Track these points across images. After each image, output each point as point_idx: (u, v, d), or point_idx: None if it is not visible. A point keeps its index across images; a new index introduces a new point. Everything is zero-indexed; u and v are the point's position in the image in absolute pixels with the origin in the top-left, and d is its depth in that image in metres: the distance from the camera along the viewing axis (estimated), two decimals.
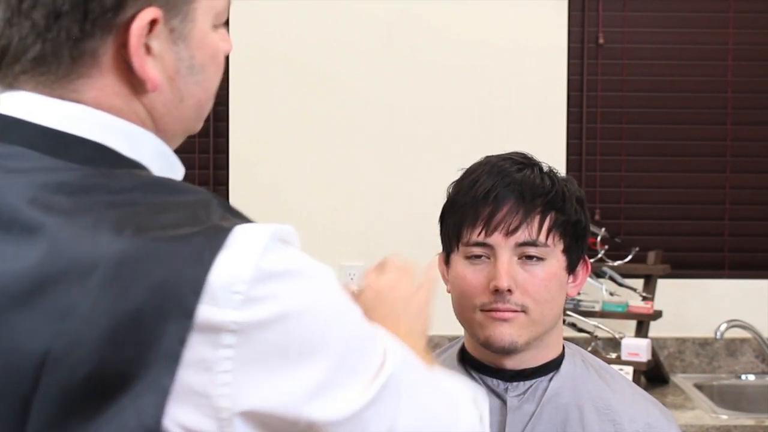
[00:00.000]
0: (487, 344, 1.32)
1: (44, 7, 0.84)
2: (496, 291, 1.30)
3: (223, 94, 3.05)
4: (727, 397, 2.83)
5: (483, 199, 1.32)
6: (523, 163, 1.37)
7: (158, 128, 0.93)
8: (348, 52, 3.00)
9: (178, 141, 0.98)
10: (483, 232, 1.32)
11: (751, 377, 2.94)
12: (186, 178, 0.97)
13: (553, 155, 2.94)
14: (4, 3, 0.86)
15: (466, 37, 2.99)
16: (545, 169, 1.38)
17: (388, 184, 2.99)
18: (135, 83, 0.88)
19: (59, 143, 0.85)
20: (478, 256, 1.33)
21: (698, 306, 3.02)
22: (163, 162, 0.92)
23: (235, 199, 3.06)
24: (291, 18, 3.00)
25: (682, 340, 3.00)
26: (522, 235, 1.31)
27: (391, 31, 2.99)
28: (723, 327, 2.80)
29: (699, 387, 2.82)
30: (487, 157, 1.40)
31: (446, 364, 1.42)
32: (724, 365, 2.99)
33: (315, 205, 2.97)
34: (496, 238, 1.31)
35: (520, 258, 1.32)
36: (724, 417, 2.48)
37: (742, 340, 2.97)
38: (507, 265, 1.30)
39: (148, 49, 0.87)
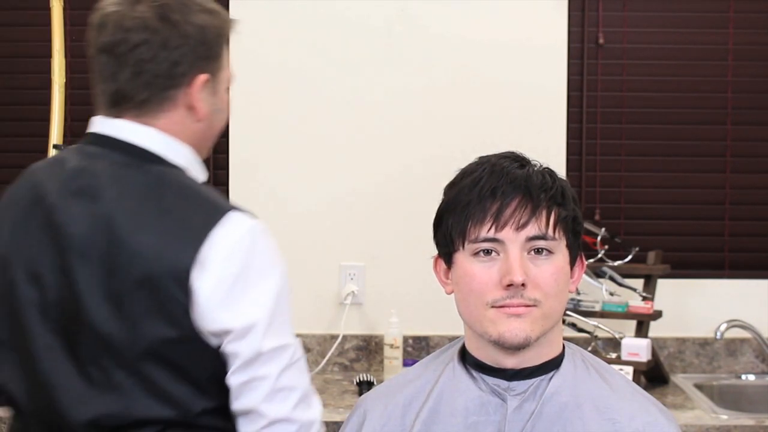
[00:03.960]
0: (500, 341, 1.32)
1: (149, 73, 1.51)
2: (509, 286, 1.30)
3: None
4: (727, 397, 2.83)
5: (490, 196, 1.33)
6: (520, 161, 1.38)
7: (193, 144, 1.56)
8: (347, 52, 3.00)
9: (203, 156, 1.59)
10: (493, 228, 1.32)
11: (751, 377, 2.94)
12: None
13: (553, 155, 2.95)
14: (127, 69, 1.53)
15: (466, 38, 2.99)
16: (541, 166, 1.39)
17: (387, 184, 2.99)
18: (191, 116, 1.54)
19: (130, 148, 1.52)
20: (488, 253, 1.33)
21: (698, 306, 3.02)
22: (193, 165, 1.55)
23: (235, 199, 3.05)
24: (291, 19, 3.00)
25: (682, 340, 3.00)
26: (532, 229, 1.32)
27: (390, 32, 2.99)
28: (723, 327, 2.80)
29: (699, 387, 2.82)
30: (483, 157, 1.40)
31: (446, 363, 1.43)
32: (724, 365, 2.99)
33: (315, 205, 2.98)
34: (507, 233, 1.32)
35: (528, 253, 1.33)
36: (724, 417, 2.48)
37: (742, 340, 2.97)
38: (519, 260, 1.31)
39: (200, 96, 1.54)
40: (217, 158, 3.07)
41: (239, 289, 1.45)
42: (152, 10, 1.50)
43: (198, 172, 1.56)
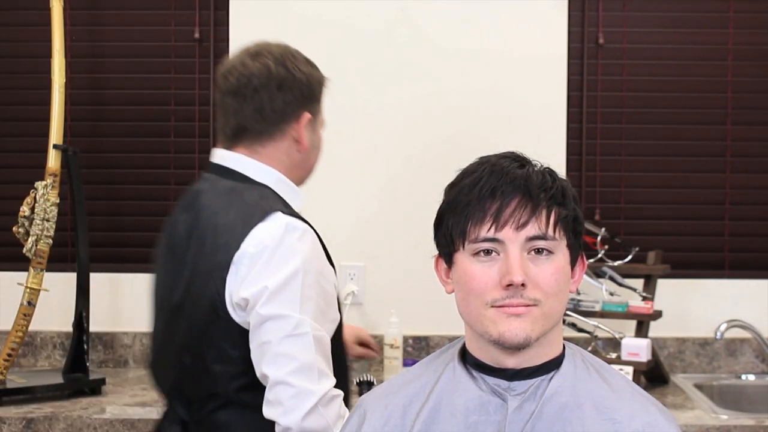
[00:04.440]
0: (500, 341, 1.32)
1: (267, 110, 1.86)
2: (509, 286, 1.30)
3: None
4: (727, 397, 2.83)
5: (490, 196, 1.32)
6: (520, 160, 1.38)
7: (292, 172, 1.91)
8: (348, 56, 3.00)
9: (299, 182, 1.94)
10: (492, 228, 1.32)
11: (751, 377, 2.94)
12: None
13: (553, 155, 2.95)
14: (249, 106, 1.86)
15: (466, 38, 2.99)
16: (541, 166, 1.38)
17: (388, 184, 2.99)
18: (294, 146, 1.91)
19: (251, 184, 1.86)
20: (488, 253, 1.33)
21: (698, 306, 3.02)
22: (281, 186, 1.89)
23: None
24: (290, 20, 3.00)
25: (682, 340, 3.00)
26: (532, 229, 1.32)
27: (390, 33, 2.99)
28: (723, 327, 2.80)
29: (699, 387, 2.82)
30: (483, 157, 1.40)
31: (447, 363, 1.43)
32: (724, 365, 2.99)
33: (315, 205, 2.97)
34: (507, 233, 1.32)
35: (528, 253, 1.33)
36: (724, 417, 2.48)
37: (742, 340, 2.97)
38: (519, 260, 1.31)
39: (304, 129, 1.91)
40: None
41: (261, 267, 1.74)
42: (270, 60, 1.88)
43: (288, 192, 1.90)
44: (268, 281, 1.72)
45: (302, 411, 1.69)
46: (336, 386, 1.77)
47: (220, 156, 1.91)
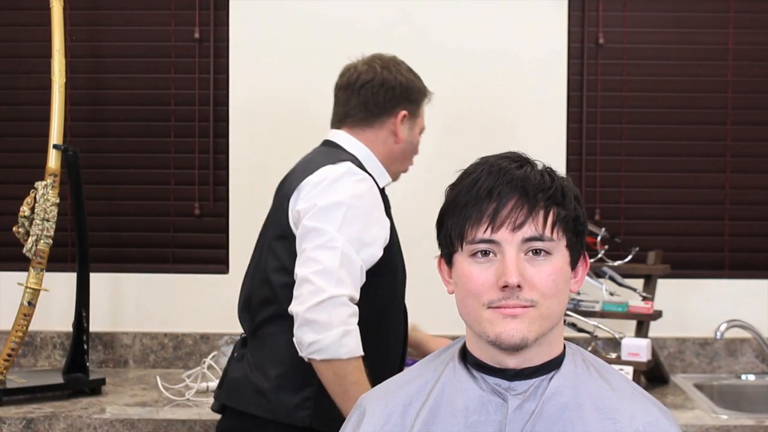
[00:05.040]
0: (497, 342, 1.32)
1: (371, 102, 2.20)
2: (505, 287, 1.30)
3: (223, 95, 3.06)
4: (727, 397, 2.83)
5: (486, 197, 1.32)
6: (520, 161, 1.37)
7: (385, 160, 2.23)
8: (347, 54, 2.99)
9: (392, 173, 2.27)
10: (489, 229, 1.32)
11: (751, 377, 2.94)
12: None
13: (553, 155, 2.95)
14: (356, 99, 2.22)
15: (466, 38, 2.99)
16: (541, 166, 1.38)
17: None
18: (391, 137, 2.23)
19: (341, 150, 2.18)
20: (485, 254, 1.33)
21: (698, 306, 3.02)
22: (373, 165, 2.20)
23: (235, 199, 3.06)
24: (290, 20, 3.00)
25: (682, 340, 3.00)
26: (528, 230, 1.32)
27: (390, 32, 2.99)
28: (723, 327, 2.80)
29: (699, 387, 2.82)
30: (483, 157, 1.40)
31: (447, 363, 1.43)
32: (724, 365, 2.99)
33: None
34: (503, 234, 1.31)
35: (526, 254, 1.32)
36: (724, 417, 2.48)
37: (742, 340, 2.97)
38: (515, 261, 1.31)
39: (400, 124, 2.22)
40: (218, 158, 3.07)
41: (318, 191, 2.05)
42: (377, 64, 2.24)
43: (374, 168, 2.18)
44: (318, 200, 2.02)
45: (311, 303, 1.93)
46: (372, 345, 2.00)
47: (329, 134, 2.26)
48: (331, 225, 2.00)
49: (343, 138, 2.22)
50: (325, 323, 1.92)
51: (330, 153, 2.16)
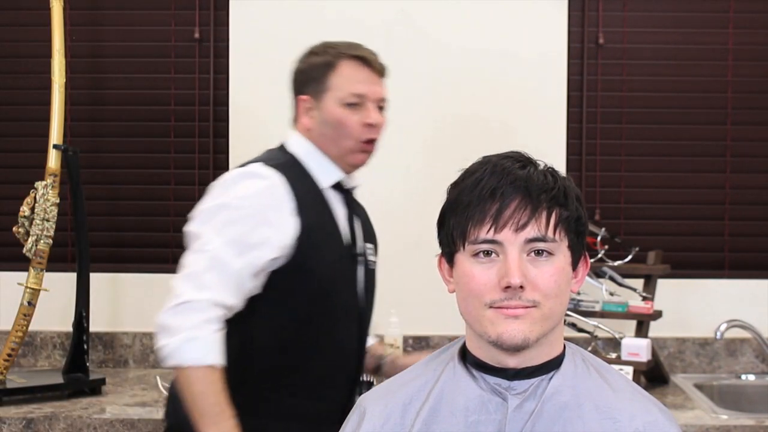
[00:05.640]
0: (498, 342, 1.32)
1: (292, 98, 2.14)
2: (508, 288, 1.30)
3: (223, 94, 3.06)
4: (727, 397, 2.83)
5: (489, 197, 1.32)
6: (522, 161, 1.37)
7: (322, 147, 2.07)
8: None
9: (343, 161, 2.08)
10: (492, 230, 1.32)
11: (751, 377, 2.94)
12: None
13: (553, 155, 2.95)
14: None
15: (466, 38, 2.99)
16: (544, 166, 1.38)
17: (388, 184, 2.99)
18: (303, 127, 2.09)
19: (279, 151, 2.10)
20: (487, 254, 1.33)
21: (698, 306, 3.02)
22: (315, 161, 2.06)
23: None
24: (290, 20, 3.00)
25: (682, 340, 3.00)
26: (531, 231, 1.31)
27: (390, 32, 2.99)
28: (723, 327, 2.80)
29: (699, 387, 2.82)
30: (486, 156, 1.40)
31: (447, 362, 1.43)
32: (724, 365, 2.99)
33: None
34: (506, 235, 1.31)
35: (528, 254, 1.32)
36: (724, 417, 2.48)
37: (742, 340, 2.97)
38: (518, 262, 1.30)
39: (303, 111, 2.09)
40: (217, 158, 3.07)
41: (204, 197, 1.99)
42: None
43: (318, 166, 2.06)
44: (203, 204, 1.96)
45: (167, 307, 1.85)
46: (298, 353, 1.95)
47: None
48: (208, 227, 1.92)
49: (291, 137, 2.12)
50: (174, 328, 1.83)
51: (262, 155, 2.09)
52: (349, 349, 2.07)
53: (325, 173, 2.06)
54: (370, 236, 2.22)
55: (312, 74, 2.07)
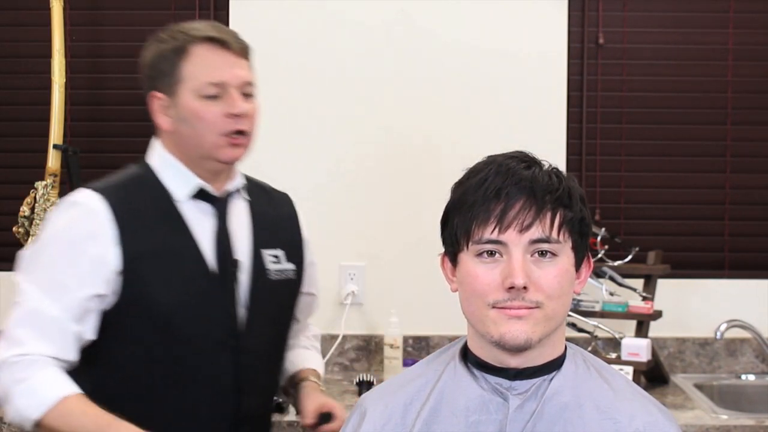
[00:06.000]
0: (501, 342, 1.32)
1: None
2: (511, 288, 1.30)
3: None
4: (727, 397, 2.83)
5: (494, 197, 1.32)
6: (527, 161, 1.37)
7: (180, 151, 1.82)
8: (347, 54, 3.00)
9: (203, 159, 1.80)
10: (496, 230, 1.32)
11: (751, 377, 2.94)
12: None
13: (553, 155, 2.91)
14: None
15: (466, 38, 2.99)
16: (548, 167, 1.38)
17: (388, 184, 2.99)
18: (161, 129, 1.84)
19: (137, 164, 1.90)
20: (491, 254, 1.33)
21: (698, 306, 3.02)
22: (171, 170, 1.83)
23: None
24: (290, 20, 3.00)
25: (682, 340, 3.00)
26: (535, 232, 1.32)
27: (390, 32, 2.99)
28: (723, 327, 2.80)
29: (699, 387, 2.82)
30: (491, 156, 1.40)
31: (447, 362, 1.43)
32: (724, 365, 2.99)
33: (315, 205, 2.97)
34: (510, 235, 1.31)
35: (532, 255, 1.32)
36: (724, 417, 2.48)
37: (742, 340, 2.97)
38: (522, 262, 1.31)
39: (159, 110, 1.82)
40: None
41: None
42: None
43: (174, 174, 1.82)
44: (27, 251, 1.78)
45: None
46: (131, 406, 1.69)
47: None
48: (23, 275, 1.72)
49: (152, 145, 1.88)
50: (3, 392, 1.66)
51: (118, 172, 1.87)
52: (222, 383, 1.78)
53: (180, 184, 1.81)
54: (276, 242, 1.92)
55: (161, 66, 1.79)
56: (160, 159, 1.84)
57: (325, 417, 1.88)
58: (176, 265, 1.76)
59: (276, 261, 1.90)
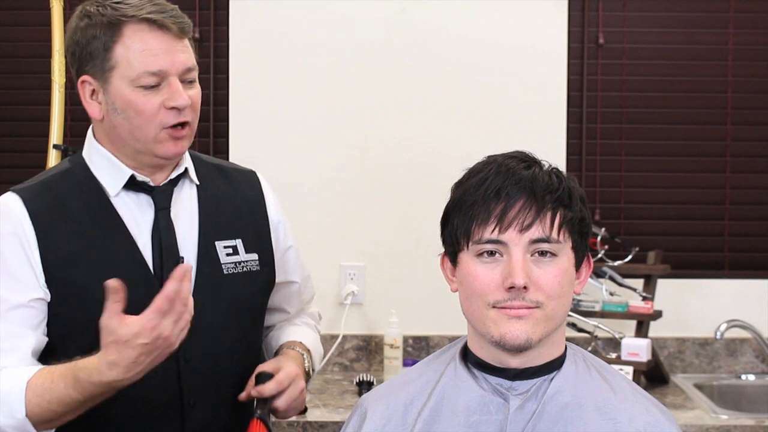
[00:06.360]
0: (501, 342, 1.32)
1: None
2: (511, 288, 1.30)
3: (223, 94, 3.06)
4: (727, 397, 2.83)
5: (494, 197, 1.32)
6: (527, 161, 1.37)
7: (111, 142, 1.63)
8: (347, 53, 3.00)
9: (139, 154, 1.62)
10: (496, 230, 1.32)
11: (751, 377, 2.94)
12: None
13: (553, 155, 2.91)
14: None
15: (466, 38, 2.99)
16: (549, 167, 1.38)
17: (388, 183, 2.99)
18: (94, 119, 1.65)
19: (70, 157, 1.72)
20: (491, 254, 1.33)
21: (698, 306, 3.02)
22: (112, 170, 1.64)
23: None
24: (290, 20, 3.00)
25: (682, 340, 3.00)
26: (536, 232, 1.32)
27: (390, 32, 2.99)
28: (723, 327, 2.80)
29: (699, 387, 2.82)
30: (490, 156, 1.40)
31: (448, 362, 1.43)
32: (724, 365, 2.99)
33: (315, 205, 2.97)
34: (510, 235, 1.32)
35: (532, 255, 1.32)
36: (724, 417, 2.48)
37: (742, 340, 2.97)
38: (522, 262, 1.31)
39: (89, 96, 1.62)
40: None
41: None
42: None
43: (110, 169, 1.63)
44: None
45: None
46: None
47: None
48: None
49: (87, 136, 1.69)
50: None
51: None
52: (162, 385, 1.59)
53: (112, 178, 1.62)
54: (232, 230, 1.71)
55: (90, 48, 1.57)
56: (91, 151, 1.64)
57: (262, 377, 1.65)
58: (111, 267, 1.54)
59: (232, 252, 1.69)
